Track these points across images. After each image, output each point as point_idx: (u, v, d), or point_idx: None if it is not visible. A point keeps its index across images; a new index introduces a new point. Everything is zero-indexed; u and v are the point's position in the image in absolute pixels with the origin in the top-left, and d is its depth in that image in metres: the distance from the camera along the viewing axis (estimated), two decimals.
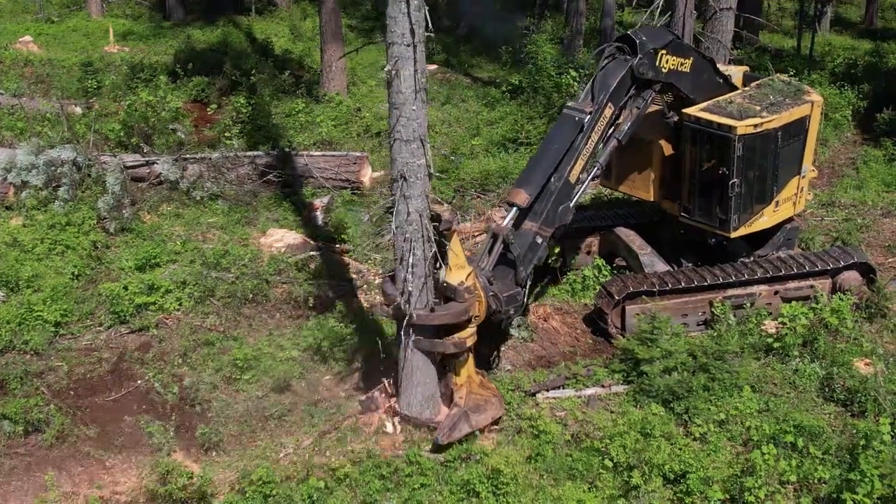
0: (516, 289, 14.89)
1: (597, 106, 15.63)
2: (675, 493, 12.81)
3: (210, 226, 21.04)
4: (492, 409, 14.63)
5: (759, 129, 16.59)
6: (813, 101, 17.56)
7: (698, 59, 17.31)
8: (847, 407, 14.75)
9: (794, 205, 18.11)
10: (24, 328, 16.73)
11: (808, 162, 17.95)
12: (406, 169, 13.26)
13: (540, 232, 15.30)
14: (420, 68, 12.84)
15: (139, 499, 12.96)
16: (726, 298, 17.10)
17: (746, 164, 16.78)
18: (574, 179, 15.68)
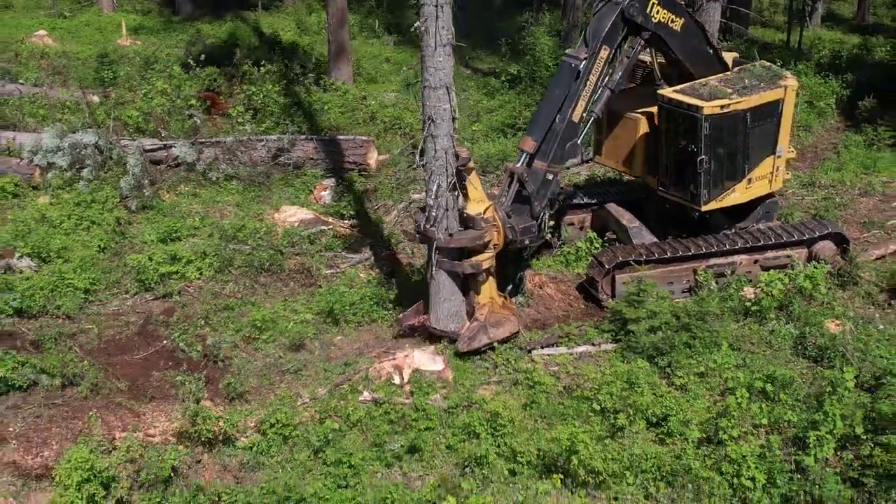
0: (531, 222, 16.82)
1: (591, 51, 17.10)
2: (657, 433, 14.06)
3: (226, 203, 22.29)
4: (509, 325, 16.71)
5: (725, 110, 17.64)
6: (787, 86, 18.40)
7: (690, 23, 18.43)
8: (818, 362, 15.92)
9: (770, 183, 19.03)
10: (57, 294, 17.95)
11: (784, 143, 18.81)
12: (434, 112, 15.24)
13: (550, 169, 17.10)
14: (446, 25, 14.78)
15: (170, 439, 14.19)
16: (709, 267, 18.32)
17: (714, 143, 17.85)
18: (577, 119, 17.35)
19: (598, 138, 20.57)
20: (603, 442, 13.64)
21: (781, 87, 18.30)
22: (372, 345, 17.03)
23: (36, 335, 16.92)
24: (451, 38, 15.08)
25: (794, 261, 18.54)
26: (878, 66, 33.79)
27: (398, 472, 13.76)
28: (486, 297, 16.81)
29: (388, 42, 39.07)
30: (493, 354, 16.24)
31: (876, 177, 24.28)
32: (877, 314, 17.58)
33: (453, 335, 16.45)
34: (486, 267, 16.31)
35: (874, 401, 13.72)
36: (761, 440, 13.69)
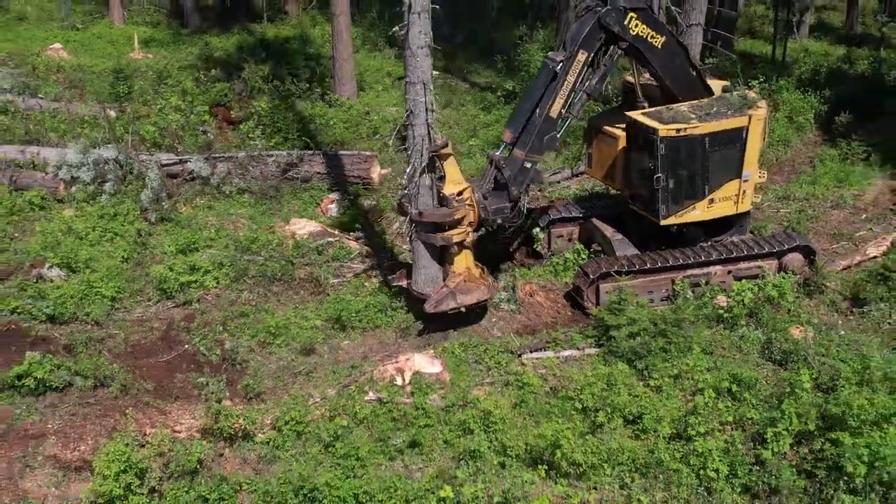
0: (504, 204, 18.94)
1: (568, 54, 18.79)
2: (633, 430, 15.54)
3: (239, 216, 23.81)
4: (478, 293, 18.67)
5: (680, 134, 19.03)
6: (752, 115, 19.38)
7: (672, 42, 19.73)
8: (782, 366, 17.37)
9: (736, 205, 20.16)
10: (86, 302, 19.45)
11: (752, 168, 19.90)
12: (412, 105, 17.71)
13: (528, 158, 18.98)
14: (423, 30, 17.08)
15: (195, 435, 15.73)
16: (686, 277, 19.84)
17: (670, 163, 19.24)
18: (555, 115, 18.99)
19: (589, 152, 22.11)
20: (584, 437, 15.10)
21: (746, 116, 19.37)
22: (376, 349, 18.54)
23: (68, 340, 18.40)
24: (428, 42, 17.28)
25: (765, 271, 20.04)
26: (860, 79, 35.28)
27: (400, 465, 15.14)
28: (462, 267, 18.85)
29: (390, 55, 40.51)
30: (487, 358, 17.77)
31: (848, 190, 25.79)
32: (840, 321, 19.09)
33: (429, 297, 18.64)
34: (457, 241, 18.41)
35: (827, 401, 15.22)
36: (726, 436, 15.20)
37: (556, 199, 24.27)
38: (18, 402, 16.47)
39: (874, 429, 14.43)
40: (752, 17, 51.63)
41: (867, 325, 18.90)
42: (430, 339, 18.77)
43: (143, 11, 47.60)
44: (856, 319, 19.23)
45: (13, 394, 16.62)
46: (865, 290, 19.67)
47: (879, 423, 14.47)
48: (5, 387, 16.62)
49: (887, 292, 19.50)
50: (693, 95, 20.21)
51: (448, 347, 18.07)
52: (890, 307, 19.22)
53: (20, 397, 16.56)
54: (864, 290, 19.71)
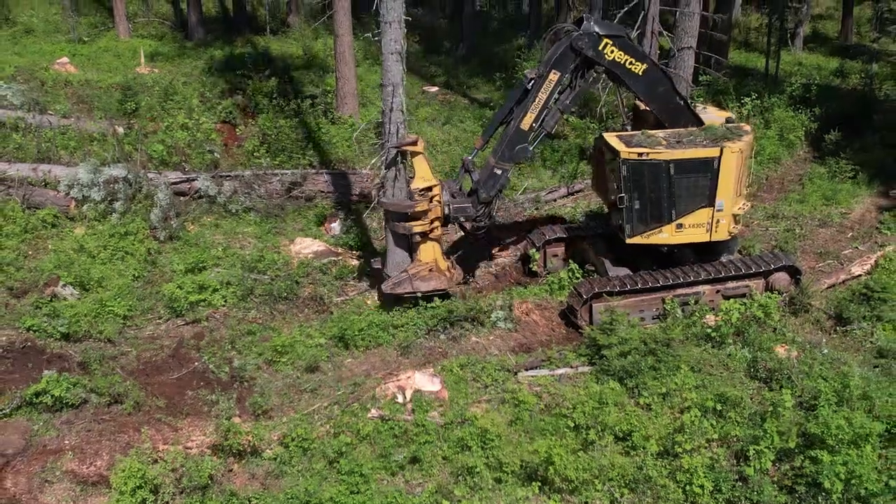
0: (467, 205, 20.84)
1: (540, 73, 20.10)
2: (623, 447, 16.27)
3: (245, 234, 24.61)
4: (435, 282, 20.93)
5: (643, 158, 19.89)
6: (724, 147, 19.84)
7: (654, 70, 20.59)
8: (767, 384, 18.12)
9: (709, 233, 20.67)
10: (99, 320, 20.27)
11: (726, 198, 20.26)
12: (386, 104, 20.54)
13: (498, 165, 20.71)
14: (394, 38, 19.78)
15: (206, 451, 16.48)
16: (676, 296, 20.61)
17: (633, 185, 20.14)
18: (526, 128, 20.47)
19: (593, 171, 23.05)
20: (576, 454, 15.86)
21: (717, 148, 19.89)
22: (378, 366, 19.31)
23: (82, 357, 19.22)
24: (398, 49, 19.82)
25: (752, 290, 20.81)
26: (851, 95, 36.04)
27: (402, 480, 15.87)
28: (429, 258, 20.97)
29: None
30: (484, 376, 18.52)
31: (835, 208, 26.57)
32: (823, 339, 19.84)
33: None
34: (417, 231, 20.53)
35: (808, 420, 16.01)
36: (711, 453, 15.97)
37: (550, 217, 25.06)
38: (36, 418, 17.25)
39: (851, 447, 15.24)
40: (747, 27, 52.26)
41: (850, 344, 19.71)
42: (429, 357, 19.55)
43: (148, 24, 48.17)
44: (839, 338, 20.01)
45: (31, 410, 17.39)
46: (849, 310, 20.42)
47: (856, 441, 15.27)
48: (24, 403, 17.39)
49: (869, 311, 20.29)
50: (680, 124, 20.94)
51: (447, 366, 18.82)
52: (872, 326, 20.01)
53: (38, 414, 17.34)
54: (848, 309, 20.46)
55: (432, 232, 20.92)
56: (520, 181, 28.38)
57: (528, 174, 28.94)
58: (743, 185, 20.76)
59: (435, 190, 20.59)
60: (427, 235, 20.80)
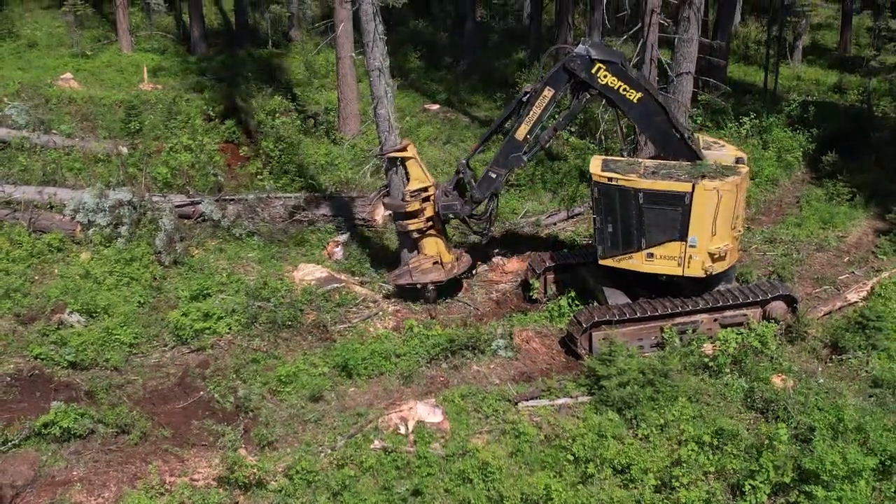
0: (454, 202, 22.59)
1: (535, 88, 21.07)
2: (621, 480, 16.55)
3: (249, 260, 24.90)
4: (433, 275, 22.86)
5: (612, 182, 20.33)
6: (697, 184, 19.74)
7: (649, 100, 20.83)
8: (764, 414, 18.41)
9: (682, 267, 20.65)
10: (105, 348, 20.56)
11: (699, 235, 20.19)
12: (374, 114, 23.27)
13: (493, 170, 22.18)
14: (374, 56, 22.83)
15: (212, 484, 16.77)
16: (675, 325, 20.90)
17: (603, 207, 20.68)
18: (520, 138, 21.57)
19: None
20: (575, 488, 16.18)
21: (689, 184, 19.83)
22: (381, 396, 19.60)
23: (89, 386, 19.50)
24: (378, 66, 22.65)
25: (749, 319, 21.11)
26: (848, 112, 36.35)
27: None
28: (432, 251, 22.99)
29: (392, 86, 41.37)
30: (485, 406, 18.80)
31: (832, 231, 26.87)
32: (819, 369, 20.15)
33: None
34: (413, 229, 22.62)
35: (803, 453, 16.30)
36: (708, 486, 16.26)
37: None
38: (45, 448, 17.52)
39: (846, 482, 15.52)
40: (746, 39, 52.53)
41: (845, 373, 19.99)
42: (431, 386, 19.88)
43: (150, 37, 48.43)
44: (834, 367, 20.29)
45: (40, 441, 17.67)
46: (844, 338, 20.70)
47: (851, 477, 15.56)
48: (32, 434, 17.68)
49: (864, 340, 20.55)
50: (676, 156, 21.13)
51: (448, 396, 19.11)
52: (867, 355, 20.30)
53: (46, 444, 17.61)
54: (843, 338, 20.74)
55: (432, 228, 22.79)
56: (520, 204, 28.63)
57: (529, 196, 29.22)
58: (728, 225, 20.43)
59: (430, 190, 22.51)
60: (426, 232, 22.79)
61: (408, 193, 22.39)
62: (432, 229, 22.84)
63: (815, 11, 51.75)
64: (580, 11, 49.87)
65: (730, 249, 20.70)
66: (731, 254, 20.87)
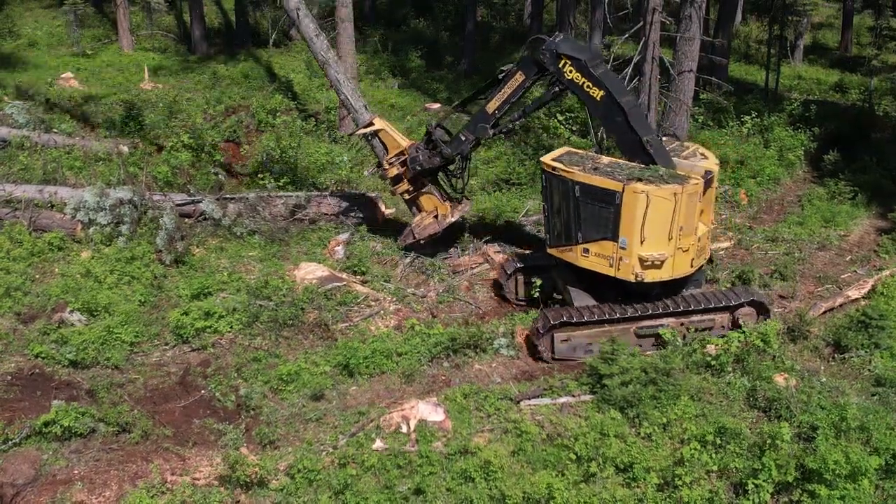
0: (418, 155, 23.76)
1: (508, 70, 21.96)
2: (623, 479, 16.53)
3: (250, 259, 24.85)
4: (430, 228, 24.38)
5: (555, 172, 20.69)
6: (626, 186, 19.48)
7: (610, 100, 20.77)
8: (766, 413, 18.39)
9: (613, 268, 20.40)
10: (106, 347, 20.51)
11: (629, 237, 19.87)
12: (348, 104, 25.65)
13: (463, 133, 23.28)
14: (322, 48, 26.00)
15: (213, 483, 16.72)
16: (640, 328, 20.76)
17: (548, 196, 21.21)
18: (490, 111, 22.45)
19: None
20: (577, 486, 16.18)
21: (620, 184, 19.62)
22: (382, 395, 19.56)
23: (90, 384, 19.45)
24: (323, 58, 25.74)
25: (718, 324, 20.94)
26: (849, 112, 36.33)
27: None
28: (430, 207, 24.52)
29: (393, 85, 41.45)
30: (487, 405, 18.74)
31: (834, 230, 26.85)
32: (822, 367, 20.14)
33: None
34: (402, 192, 24.66)
35: (806, 451, 16.28)
36: (710, 485, 16.23)
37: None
38: (46, 447, 17.48)
39: (849, 482, 15.52)
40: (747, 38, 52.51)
41: (848, 372, 19.97)
42: (433, 385, 19.88)
43: (151, 37, 48.44)
44: (837, 365, 20.26)
45: (40, 440, 17.64)
46: (847, 337, 20.67)
47: (854, 476, 15.55)
48: (33, 433, 17.65)
49: (867, 339, 20.51)
50: (633, 158, 20.98)
51: (450, 395, 19.06)
52: (869, 354, 20.26)
53: (47, 443, 17.58)
54: (846, 336, 20.70)
55: (421, 187, 24.37)
56: (521, 203, 28.59)
57: (530, 195, 29.15)
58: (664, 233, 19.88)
59: (407, 152, 23.99)
60: (420, 191, 24.43)
61: (386, 160, 24.31)
62: (424, 187, 24.43)
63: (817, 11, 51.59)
64: (581, 11, 49.88)
65: (668, 259, 20.16)
66: (672, 264, 20.29)
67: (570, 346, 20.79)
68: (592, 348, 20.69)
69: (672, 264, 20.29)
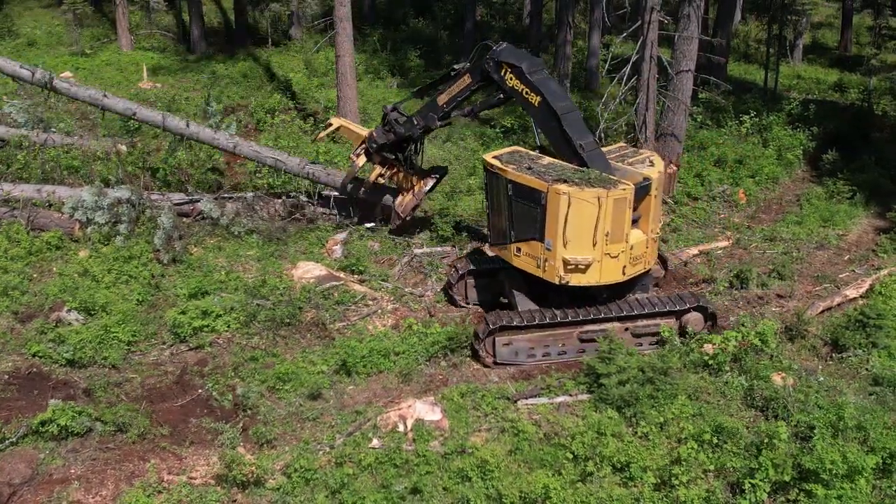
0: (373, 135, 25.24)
1: (457, 71, 23.10)
2: (620, 479, 16.52)
3: (248, 258, 24.85)
4: (410, 203, 25.44)
5: (493, 170, 20.95)
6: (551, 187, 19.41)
7: (545, 106, 21.06)
8: (763, 412, 18.39)
9: (541, 269, 20.34)
10: (104, 346, 20.49)
11: (553, 239, 19.77)
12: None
13: (415, 117, 24.45)
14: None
15: (210, 482, 16.72)
16: (583, 332, 20.63)
17: (488, 191, 21.69)
18: (440, 103, 23.68)
19: None
20: (574, 486, 16.16)
21: (545, 183, 19.58)
22: (380, 394, 19.55)
23: (87, 383, 19.47)
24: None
25: (663, 329, 20.77)
26: (848, 111, 36.32)
27: None
28: (407, 185, 25.51)
29: (392, 84, 41.42)
30: (484, 405, 18.76)
31: (832, 230, 26.84)
32: (819, 366, 20.14)
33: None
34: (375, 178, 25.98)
35: (803, 451, 16.26)
36: (707, 485, 16.23)
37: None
38: (42, 446, 17.49)
39: (846, 481, 15.51)
40: (746, 38, 52.50)
41: (845, 371, 19.96)
42: (430, 385, 19.85)
43: (150, 36, 48.42)
44: (835, 365, 20.26)
45: (37, 439, 17.64)
46: (844, 337, 20.66)
47: (851, 475, 15.54)
48: (30, 432, 17.65)
49: (865, 338, 20.52)
50: (569, 161, 20.96)
51: (447, 394, 19.08)
52: (867, 353, 20.25)
53: (44, 442, 17.58)
54: (844, 335, 20.70)
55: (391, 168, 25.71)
56: None
57: None
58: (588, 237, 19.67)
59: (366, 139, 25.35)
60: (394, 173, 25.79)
61: (353, 154, 25.85)
62: (394, 168, 25.69)
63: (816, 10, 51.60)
64: (580, 10, 49.87)
65: (593, 264, 19.94)
66: (600, 270, 20.06)
67: (511, 350, 20.67)
68: (535, 352, 20.68)
69: (599, 270, 20.08)
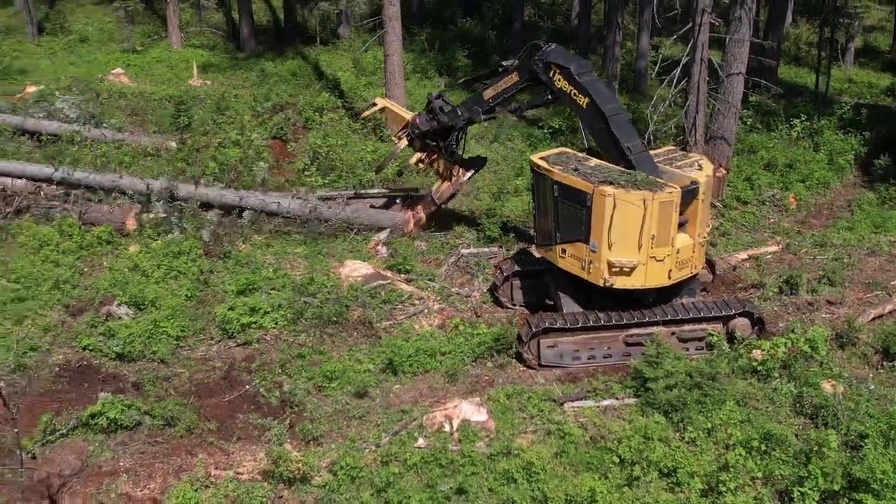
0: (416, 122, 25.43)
1: (506, 68, 23.30)
2: (667, 484, 16.41)
3: (296, 255, 24.99)
4: (447, 191, 25.87)
5: (540, 169, 20.91)
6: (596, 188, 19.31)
7: (594, 107, 21.06)
8: (813, 420, 18.16)
9: (586, 270, 20.23)
10: (153, 341, 20.73)
11: (598, 241, 19.65)
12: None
13: (460, 108, 24.62)
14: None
15: (257, 477, 16.82)
16: (629, 336, 20.48)
17: (535, 192, 21.73)
18: (486, 97, 23.84)
19: None
20: (621, 490, 16.08)
21: (591, 185, 19.49)
22: (426, 394, 19.59)
23: (136, 377, 19.75)
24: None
25: (710, 334, 20.56)
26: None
27: None
28: (447, 173, 25.77)
29: (440, 84, 41.40)
30: (530, 406, 18.73)
31: (884, 236, 26.46)
32: (870, 374, 19.86)
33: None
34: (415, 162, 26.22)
35: (853, 460, 16.07)
36: (755, 492, 16.07)
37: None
38: (92, 439, 17.74)
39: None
40: (797, 41, 51.96)
41: None
42: (476, 385, 19.85)
43: (200, 34, 48.80)
44: (886, 373, 19.97)
45: (87, 431, 17.89)
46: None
47: None
48: (80, 424, 17.87)
49: None
50: (615, 163, 20.84)
51: (493, 395, 19.07)
52: None
53: (93, 434, 17.82)
54: (895, 344, 20.40)
55: (431, 154, 25.89)
56: None
57: None
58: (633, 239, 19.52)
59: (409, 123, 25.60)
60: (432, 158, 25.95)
61: (395, 136, 26.21)
62: (434, 155, 25.90)
63: (868, 13, 51.01)
64: (629, 11, 49.63)
65: (638, 267, 19.79)
66: (645, 273, 19.88)
67: (556, 352, 20.58)
68: (580, 355, 20.59)
69: (644, 273, 19.92)
